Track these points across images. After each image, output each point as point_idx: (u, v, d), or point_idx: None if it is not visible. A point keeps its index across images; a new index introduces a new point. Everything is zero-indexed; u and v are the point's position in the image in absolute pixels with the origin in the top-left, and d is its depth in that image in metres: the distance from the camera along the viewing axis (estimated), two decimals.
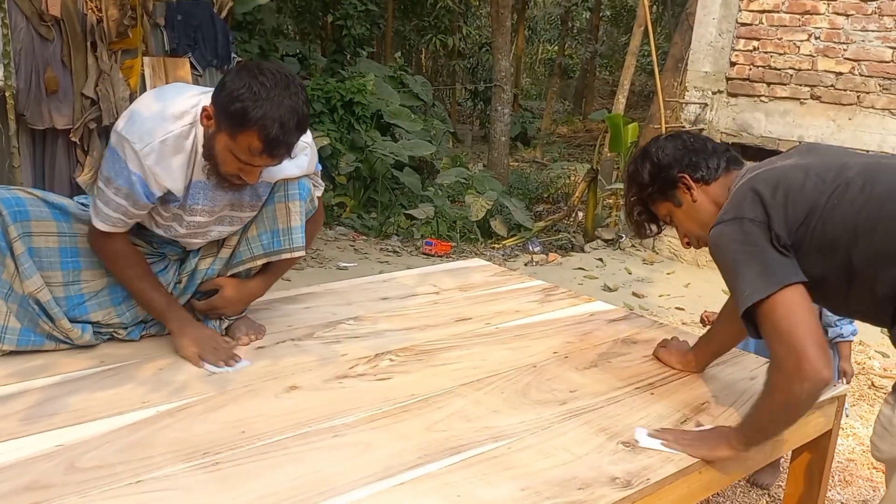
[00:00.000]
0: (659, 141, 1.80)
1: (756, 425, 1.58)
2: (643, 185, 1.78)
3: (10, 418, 1.58)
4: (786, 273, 1.48)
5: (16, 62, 3.95)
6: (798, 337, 1.42)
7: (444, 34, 13.01)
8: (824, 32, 5.17)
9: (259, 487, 1.39)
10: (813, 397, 1.46)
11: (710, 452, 1.61)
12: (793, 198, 1.52)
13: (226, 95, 1.65)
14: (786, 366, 1.44)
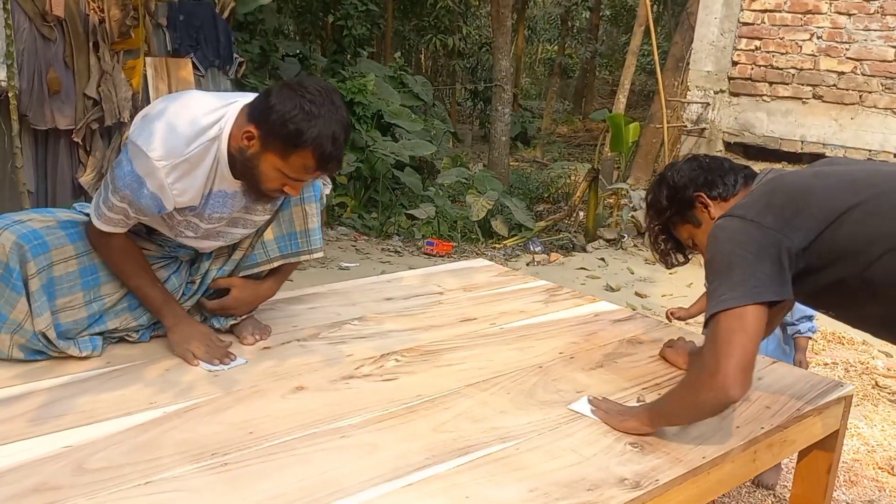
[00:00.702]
0: (675, 165, 1.80)
1: (663, 410, 1.64)
2: (661, 209, 1.78)
3: (17, 419, 1.57)
4: (764, 289, 1.47)
5: (19, 63, 3.95)
6: (729, 352, 1.44)
7: (444, 34, 13.00)
8: (826, 32, 5.17)
9: (268, 488, 1.38)
10: (714, 409, 1.53)
11: (617, 424, 1.68)
12: (814, 204, 1.51)
13: (277, 118, 1.66)
14: (703, 371, 1.49)
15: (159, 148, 1.70)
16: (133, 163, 1.72)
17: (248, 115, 1.75)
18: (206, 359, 1.89)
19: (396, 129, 8.76)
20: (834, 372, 3.64)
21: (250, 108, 1.76)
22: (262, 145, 1.72)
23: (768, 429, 1.75)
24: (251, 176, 1.78)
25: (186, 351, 1.90)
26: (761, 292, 1.47)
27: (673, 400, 1.63)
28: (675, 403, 1.62)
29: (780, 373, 2.08)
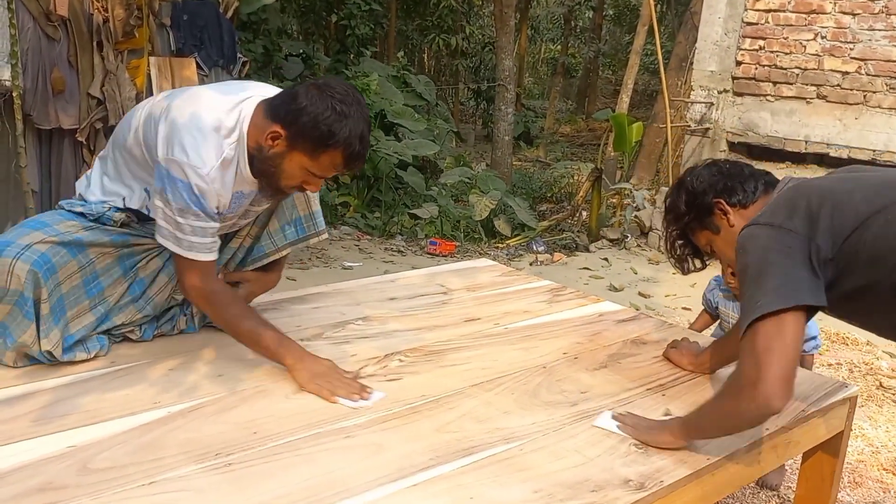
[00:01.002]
0: (695, 170, 1.78)
1: (698, 423, 1.59)
2: (680, 214, 1.76)
3: (21, 419, 1.58)
4: (804, 293, 1.43)
5: (23, 62, 3.95)
6: (770, 361, 1.39)
7: (447, 34, 12.99)
8: (830, 32, 5.16)
9: (273, 488, 1.38)
10: (755, 421, 1.48)
11: (651, 439, 1.63)
12: (841, 209, 1.48)
13: (309, 120, 1.70)
14: (744, 382, 1.43)
15: (195, 155, 1.71)
16: (176, 178, 1.71)
17: (270, 114, 1.76)
18: (347, 396, 1.75)
19: (399, 129, 8.75)
20: (838, 373, 3.64)
21: (272, 107, 1.77)
22: (290, 145, 1.75)
23: (773, 430, 1.75)
24: (271, 174, 1.80)
25: (322, 389, 1.76)
26: (799, 296, 1.42)
27: (710, 412, 1.57)
28: (713, 416, 1.56)
29: None
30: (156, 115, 1.78)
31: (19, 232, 1.77)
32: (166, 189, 1.73)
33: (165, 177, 1.73)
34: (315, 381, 1.78)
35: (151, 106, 1.84)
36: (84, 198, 1.92)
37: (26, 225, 1.80)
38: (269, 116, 1.76)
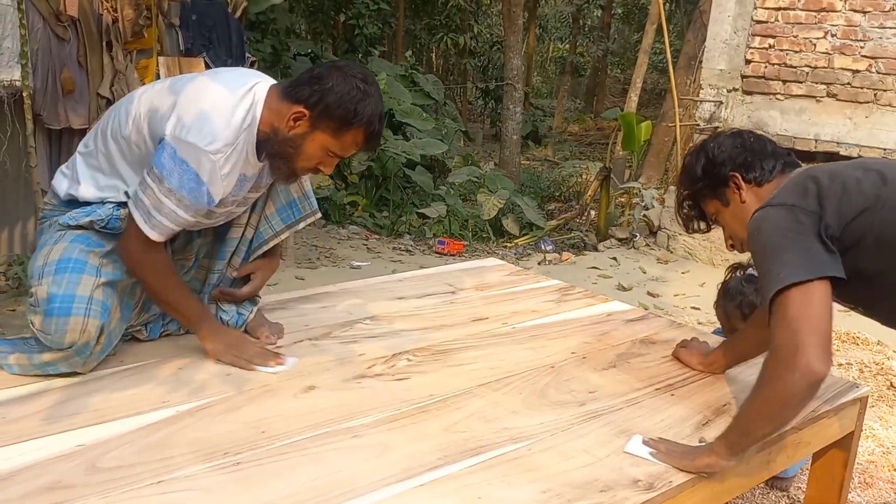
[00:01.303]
0: (720, 136, 1.75)
1: (741, 428, 1.50)
2: (695, 178, 1.74)
3: (30, 418, 1.58)
4: (827, 265, 1.42)
5: (33, 62, 3.97)
6: (807, 329, 1.36)
7: (455, 33, 12.99)
8: (841, 30, 5.13)
9: (280, 488, 1.38)
10: (803, 393, 1.37)
11: (690, 463, 1.53)
12: (849, 191, 1.49)
13: (336, 99, 1.74)
14: (781, 353, 1.38)
15: (211, 138, 1.70)
16: (184, 160, 1.70)
17: (290, 96, 1.78)
18: (262, 363, 1.88)
19: (408, 128, 8.76)
20: (848, 373, 3.61)
21: (291, 89, 1.79)
22: (313, 125, 1.77)
23: (783, 430, 1.73)
24: (288, 155, 1.81)
25: (239, 358, 1.88)
26: (822, 267, 1.41)
27: (753, 407, 1.47)
28: (758, 409, 1.46)
29: None
30: (164, 106, 1.76)
31: (68, 280, 1.71)
32: (165, 169, 1.70)
33: (171, 156, 1.69)
34: (231, 352, 1.89)
35: (153, 97, 1.80)
36: (74, 197, 1.85)
37: (66, 267, 1.73)
38: (288, 98, 1.78)
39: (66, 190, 1.86)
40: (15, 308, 3.98)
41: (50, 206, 1.92)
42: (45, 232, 1.90)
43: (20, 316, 3.87)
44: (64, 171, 1.92)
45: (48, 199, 1.93)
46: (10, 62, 3.94)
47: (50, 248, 1.78)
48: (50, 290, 1.69)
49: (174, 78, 1.86)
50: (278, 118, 1.79)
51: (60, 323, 1.67)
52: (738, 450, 1.51)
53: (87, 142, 1.91)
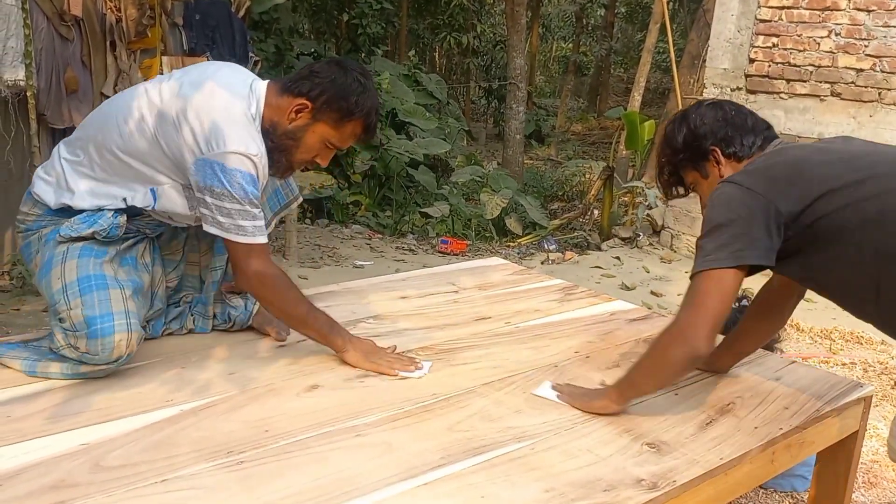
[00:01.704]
0: (701, 107, 1.78)
1: (630, 380, 1.69)
2: (676, 149, 1.78)
3: (35, 417, 1.59)
4: (748, 252, 1.54)
5: (37, 62, 3.98)
6: (704, 313, 1.54)
7: (458, 32, 12.98)
8: (845, 28, 5.12)
9: (283, 487, 1.38)
10: (682, 364, 1.60)
11: (587, 404, 1.73)
12: (809, 176, 1.56)
13: (338, 91, 1.81)
14: (676, 328, 1.59)
15: (245, 145, 1.74)
16: (235, 168, 1.73)
17: (290, 91, 1.83)
18: (402, 368, 1.90)
19: (411, 128, 8.76)
20: (852, 372, 3.61)
21: (291, 84, 1.84)
22: (314, 117, 1.83)
23: (787, 429, 1.73)
24: (288, 148, 1.86)
25: (381, 365, 1.90)
26: (745, 255, 1.54)
27: (642, 364, 1.68)
28: (645, 366, 1.67)
29: (798, 373, 2.06)
30: (172, 113, 1.76)
31: (98, 299, 1.72)
32: (219, 183, 1.72)
33: (219, 171, 1.72)
34: (370, 359, 1.91)
35: (157, 103, 1.78)
36: (68, 205, 1.82)
37: (90, 286, 1.73)
38: (288, 93, 1.83)
39: (58, 199, 1.83)
40: (19, 307, 3.99)
41: (34, 215, 1.87)
42: (36, 245, 1.87)
43: (24, 315, 3.88)
44: (45, 178, 1.87)
45: (28, 209, 1.88)
46: (14, 62, 3.96)
47: (61, 268, 1.77)
48: (85, 312, 1.69)
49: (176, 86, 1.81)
50: (278, 113, 1.84)
51: (107, 343, 1.69)
52: (626, 397, 1.71)
53: (75, 151, 1.87)
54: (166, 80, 1.86)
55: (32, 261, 1.90)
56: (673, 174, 1.83)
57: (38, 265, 1.85)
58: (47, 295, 1.80)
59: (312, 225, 6.98)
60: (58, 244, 1.81)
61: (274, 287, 1.84)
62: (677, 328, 1.59)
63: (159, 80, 1.87)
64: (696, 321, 1.55)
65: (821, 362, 3.71)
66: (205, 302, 2.07)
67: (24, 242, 1.93)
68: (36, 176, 1.89)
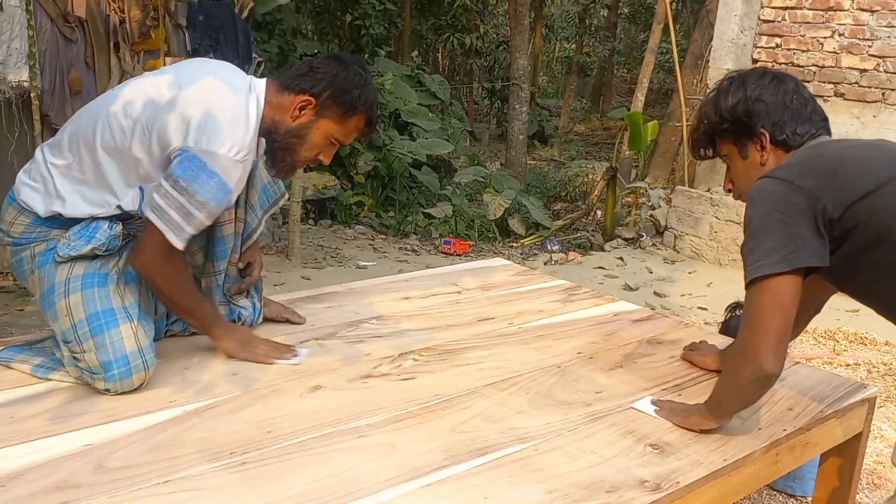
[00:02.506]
0: (763, 79, 1.62)
1: (716, 400, 1.64)
2: (721, 117, 1.63)
3: (38, 418, 1.59)
4: (802, 253, 1.44)
5: (40, 63, 3.99)
6: (764, 328, 1.46)
7: (461, 33, 13.00)
8: (848, 29, 5.11)
9: (286, 488, 1.38)
10: (754, 386, 1.52)
11: (682, 421, 1.69)
12: (853, 172, 1.46)
13: (341, 85, 1.80)
14: (741, 346, 1.52)
15: (238, 147, 1.71)
16: (213, 170, 1.68)
17: (292, 88, 1.81)
18: (279, 356, 1.92)
19: (414, 128, 8.76)
20: (856, 373, 3.60)
21: (292, 81, 1.81)
22: (318, 113, 1.82)
23: (790, 431, 1.73)
24: (292, 147, 1.84)
25: (255, 354, 1.91)
26: (798, 257, 1.44)
27: (722, 385, 1.63)
28: (721, 388, 1.62)
29: (802, 374, 2.06)
30: (165, 100, 1.71)
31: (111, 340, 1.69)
32: (196, 182, 1.67)
33: (197, 167, 1.67)
34: (246, 349, 1.92)
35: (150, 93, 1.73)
36: (59, 213, 1.77)
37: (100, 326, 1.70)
38: (289, 90, 1.81)
39: (47, 207, 1.77)
40: (23, 308, 4.00)
41: (21, 226, 1.79)
42: (29, 263, 1.80)
43: (28, 315, 3.89)
44: (31, 183, 1.79)
45: (13, 217, 1.79)
46: (18, 63, 3.97)
47: (66, 302, 1.72)
48: (100, 357, 1.67)
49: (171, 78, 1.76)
50: (280, 111, 1.81)
51: (126, 383, 1.69)
52: (715, 416, 1.65)
53: (62, 153, 1.79)
54: (160, 73, 1.82)
55: (28, 279, 1.84)
56: (708, 137, 1.68)
57: (38, 289, 1.80)
58: (55, 327, 1.75)
59: (315, 226, 6.99)
60: (57, 266, 1.76)
61: (166, 278, 1.79)
62: (741, 349, 1.51)
63: (152, 74, 1.83)
64: (756, 340, 1.47)
65: (824, 363, 3.70)
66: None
67: (14, 258, 1.85)
68: (19, 182, 1.80)
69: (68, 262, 1.76)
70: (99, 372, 1.68)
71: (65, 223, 1.78)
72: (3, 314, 3.89)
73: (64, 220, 1.78)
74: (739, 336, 1.54)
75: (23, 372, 1.78)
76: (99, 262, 1.79)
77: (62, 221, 1.78)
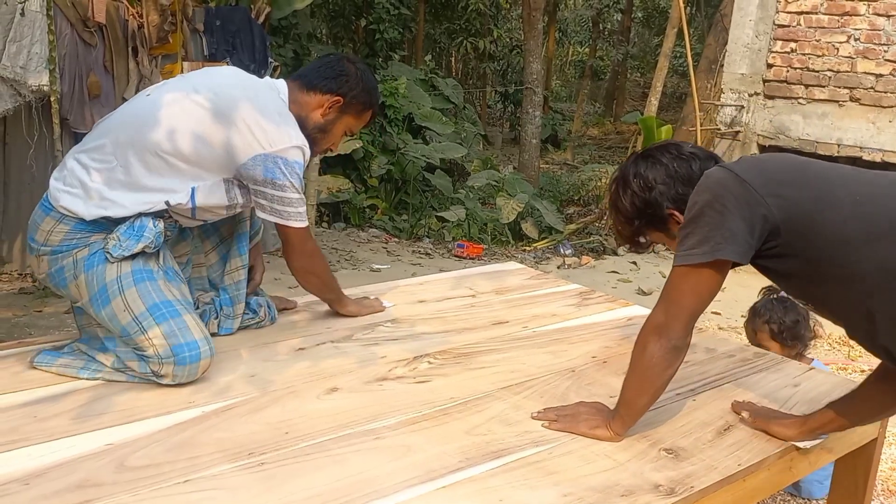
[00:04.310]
0: (638, 166, 1.68)
1: (624, 400, 1.63)
2: (629, 218, 1.69)
3: (60, 417, 1.61)
4: (727, 246, 1.45)
5: (60, 67, 4.04)
6: (678, 308, 1.52)
7: (474, 37, 13.01)
8: (864, 34, 5.09)
9: (304, 488, 1.40)
10: (664, 360, 1.54)
11: (588, 431, 1.66)
12: (806, 180, 1.47)
13: (365, 85, 2.07)
14: (650, 324, 1.56)
15: (290, 134, 1.91)
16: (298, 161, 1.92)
17: (320, 88, 2.02)
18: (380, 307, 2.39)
19: (427, 132, 8.79)
20: None
21: (320, 82, 2.02)
22: (342, 110, 2.05)
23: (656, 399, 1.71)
24: (316, 140, 2.04)
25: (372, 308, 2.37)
26: (723, 249, 1.45)
27: (627, 382, 1.62)
28: (630, 376, 1.61)
29: (817, 380, 2.05)
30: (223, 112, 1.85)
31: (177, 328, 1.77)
32: (282, 176, 1.89)
33: (282, 165, 1.88)
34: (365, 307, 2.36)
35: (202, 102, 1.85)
36: (108, 217, 1.81)
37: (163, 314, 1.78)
38: (316, 91, 2.02)
39: (93, 211, 1.80)
40: (41, 309, 4.05)
41: (60, 234, 1.81)
42: (72, 269, 1.82)
43: (47, 317, 3.94)
44: (70, 190, 1.82)
45: (51, 226, 1.81)
46: (38, 67, 4.02)
47: (122, 299, 1.78)
48: (170, 342, 1.75)
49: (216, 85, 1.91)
50: (306, 109, 2.01)
51: (193, 369, 1.78)
52: (628, 422, 1.64)
53: (103, 157, 1.84)
54: (199, 81, 1.93)
55: (69, 286, 1.85)
56: (635, 237, 1.75)
57: (87, 293, 1.82)
58: (113, 326, 1.80)
59: (329, 229, 7.02)
60: (107, 268, 1.80)
61: (321, 261, 2.18)
62: (652, 325, 1.55)
63: (190, 84, 1.91)
64: (668, 318, 1.52)
65: (839, 369, 3.68)
66: (229, 303, 2.11)
67: (53, 267, 1.84)
68: (56, 190, 1.83)
69: (116, 261, 1.82)
70: (169, 357, 1.74)
71: (106, 226, 1.83)
72: (22, 315, 3.94)
73: (107, 222, 1.83)
74: (650, 315, 1.57)
75: (67, 376, 1.80)
76: (143, 259, 1.84)
77: (104, 224, 1.83)
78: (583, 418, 1.69)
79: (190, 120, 1.84)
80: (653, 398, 1.62)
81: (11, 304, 4.08)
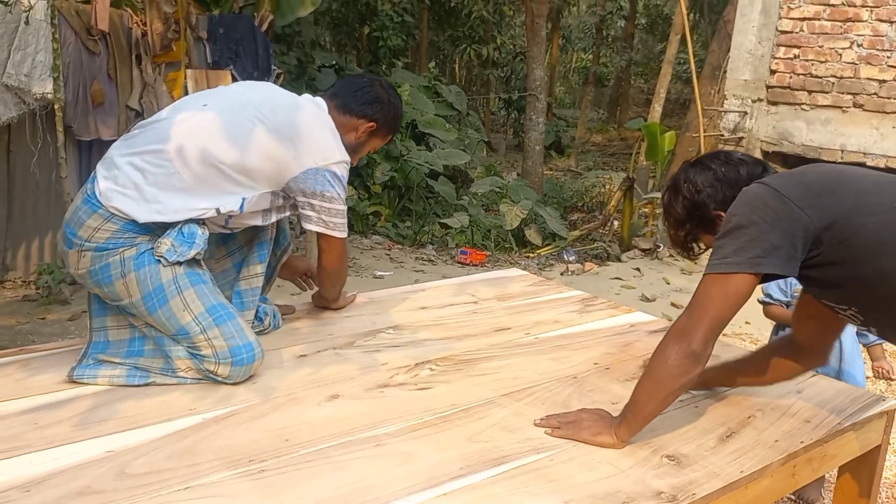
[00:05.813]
0: (689, 173, 1.73)
1: (633, 403, 1.62)
2: (680, 221, 1.74)
3: (62, 424, 1.62)
4: (766, 260, 1.47)
5: (64, 75, 4.06)
6: (704, 314, 1.51)
7: (478, 44, 13.04)
8: (867, 40, 5.09)
9: (304, 495, 1.40)
10: (680, 365, 1.53)
11: (592, 438, 1.65)
12: (844, 188, 1.50)
13: (395, 111, 2.22)
14: (674, 327, 1.56)
15: (336, 149, 2.04)
16: (339, 174, 2.02)
17: (356, 112, 2.14)
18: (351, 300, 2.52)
19: (430, 139, 8.80)
20: (875, 385, 3.57)
21: (357, 107, 2.14)
22: (374, 133, 2.19)
23: (808, 443, 1.72)
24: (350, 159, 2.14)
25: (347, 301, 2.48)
26: (761, 263, 1.47)
27: (639, 386, 1.61)
28: (643, 386, 1.60)
29: (820, 386, 2.05)
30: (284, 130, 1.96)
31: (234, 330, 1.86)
32: (331, 188, 2.01)
33: (330, 178, 2.00)
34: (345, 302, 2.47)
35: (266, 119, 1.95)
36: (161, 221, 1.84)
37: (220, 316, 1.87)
38: (354, 114, 2.14)
39: (147, 214, 1.83)
40: (45, 317, 4.05)
41: (108, 232, 1.82)
42: (119, 267, 1.82)
43: (50, 324, 3.94)
44: (122, 191, 1.84)
45: (98, 223, 1.82)
46: (42, 75, 4.04)
47: (181, 299, 1.85)
48: (229, 343, 1.84)
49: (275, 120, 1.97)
50: (341, 129, 2.10)
51: (248, 369, 1.87)
52: (634, 429, 1.63)
53: (159, 162, 1.86)
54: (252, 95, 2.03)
55: (114, 282, 1.84)
56: (689, 243, 1.78)
57: (138, 291, 1.83)
58: (170, 325, 1.84)
59: None
60: (160, 268, 1.84)
61: (347, 267, 2.31)
62: (675, 329, 1.56)
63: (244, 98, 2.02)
64: (691, 322, 1.52)
65: None
66: (241, 308, 2.12)
67: (96, 264, 1.83)
68: (108, 190, 1.83)
69: (169, 265, 1.85)
70: (227, 357, 1.82)
71: (153, 228, 1.86)
72: (25, 322, 3.95)
73: (155, 225, 1.86)
74: (675, 321, 1.58)
75: (114, 385, 1.82)
76: (195, 266, 1.91)
77: (152, 227, 1.86)
78: (585, 425, 1.68)
79: (252, 135, 1.92)
80: (662, 404, 1.61)
81: (15, 312, 4.09)
